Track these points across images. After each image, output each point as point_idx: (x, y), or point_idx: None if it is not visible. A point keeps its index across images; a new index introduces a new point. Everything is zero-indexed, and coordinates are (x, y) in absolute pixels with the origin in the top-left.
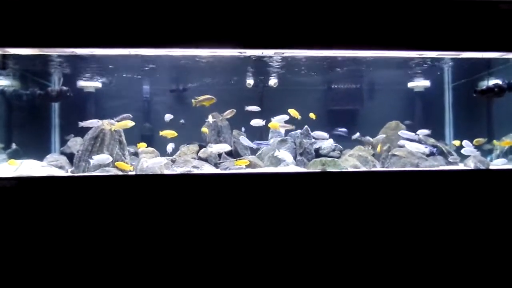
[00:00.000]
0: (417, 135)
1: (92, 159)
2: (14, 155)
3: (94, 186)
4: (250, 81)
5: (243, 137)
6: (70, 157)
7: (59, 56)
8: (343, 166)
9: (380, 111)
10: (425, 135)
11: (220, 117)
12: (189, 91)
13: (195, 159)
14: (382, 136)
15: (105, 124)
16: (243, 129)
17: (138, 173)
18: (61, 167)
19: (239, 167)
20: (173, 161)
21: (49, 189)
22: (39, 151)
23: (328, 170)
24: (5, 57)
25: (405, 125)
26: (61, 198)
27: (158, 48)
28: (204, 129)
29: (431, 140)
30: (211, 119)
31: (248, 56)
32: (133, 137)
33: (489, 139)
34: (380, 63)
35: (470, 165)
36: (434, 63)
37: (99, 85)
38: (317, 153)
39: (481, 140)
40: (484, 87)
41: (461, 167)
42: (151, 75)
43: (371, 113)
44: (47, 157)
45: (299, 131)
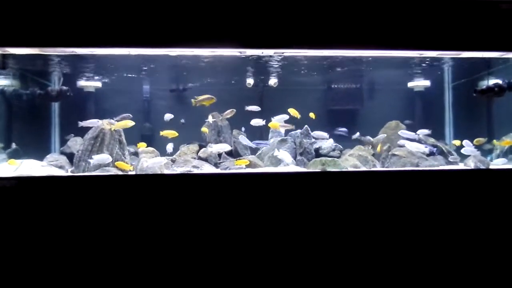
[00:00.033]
0: (417, 135)
1: (92, 158)
2: (14, 155)
3: (94, 186)
4: (250, 81)
5: (242, 136)
6: (70, 157)
7: (59, 55)
8: (343, 166)
9: (380, 110)
10: (425, 134)
11: (220, 117)
12: (189, 91)
13: (195, 159)
14: (383, 135)
15: (105, 124)
16: (243, 129)
17: (138, 173)
18: (61, 167)
19: (239, 167)
20: (173, 161)
21: (49, 189)
22: (39, 151)
23: (328, 170)
24: (5, 57)
25: (405, 124)
26: (61, 198)
27: (158, 48)
28: (204, 129)
29: (431, 139)
30: (211, 119)
31: (248, 55)
32: (133, 137)
33: (489, 139)
34: (380, 62)
35: (470, 164)
36: (433, 62)
37: (99, 85)
38: (317, 153)
39: (481, 139)
40: (484, 87)
41: (461, 166)
42: (151, 75)
43: (371, 112)
44: (47, 157)
45: (299, 131)
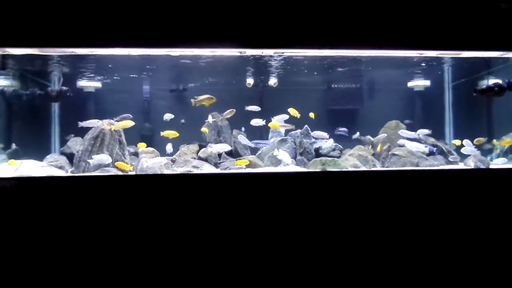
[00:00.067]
0: (418, 135)
1: (92, 159)
2: (14, 155)
3: (94, 186)
4: (250, 81)
5: (241, 136)
6: (70, 157)
7: (59, 56)
8: (343, 165)
9: (380, 110)
10: (425, 134)
11: (220, 117)
12: (189, 91)
13: (195, 159)
14: (383, 135)
15: (105, 124)
16: (243, 129)
17: (138, 173)
18: (61, 167)
19: (239, 167)
20: (173, 161)
21: (49, 189)
22: (39, 151)
23: (328, 169)
24: (5, 57)
25: (405, 124)
26: (61, 198)
27: (158, 48)
28: (204, 129)
29: (431, 139)
30: (211, 119)
31: (248, 55)
32: (133, 137)
33: (489, 139)
34: (380, 62)
35: (470, 164)
36: (432, 62)
37: (99, 85)
38: (317, 153)
39: (481, 139)
40: (484, 86)
41: (461, 166)
42: (151, 75)
43: (371, 112)
44: (47, 157)
45: (299, 131)
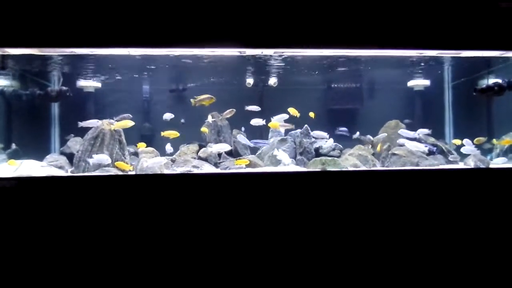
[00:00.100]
0: (418, 134)
1: (92, 158)
2: (14, 155)
3: (94, 186)
4: (250, 81)
5: (240, 135)
6: (70, 157)
7: (59, 55)
8: (343, 165)
9: (380, 110)
10: (425, 134)
11: (219, 116)
12: (188, 91)
13: (195, 158)
14: (383, 135)
15: (104, 124)
16: (243, 129)
17: (138, 173)
18: (61, 167)
19: (239, 166)
20: (173, 161)
21: (49, 189)
22: (39, 151)
23: (328, 169)
24: (4, 57)
25: (405, 124)
26: (61, 198)
27: (158, 48)
28: (204, 129)
29: (431, 139)
30: (210, 118)
31: (248, 55)
32: (133, 137)
33: (489, 138)
34: (379, 62)
35: (470, 164)
36: (432, 62)
37: (99, 85)
38: (317, 153)
39: (481, 139)
40: (484, 86)
41: (461, 166)
42: (151, 75)
43: (371, 112)
44: (47, 157)
45: (299, 131)
